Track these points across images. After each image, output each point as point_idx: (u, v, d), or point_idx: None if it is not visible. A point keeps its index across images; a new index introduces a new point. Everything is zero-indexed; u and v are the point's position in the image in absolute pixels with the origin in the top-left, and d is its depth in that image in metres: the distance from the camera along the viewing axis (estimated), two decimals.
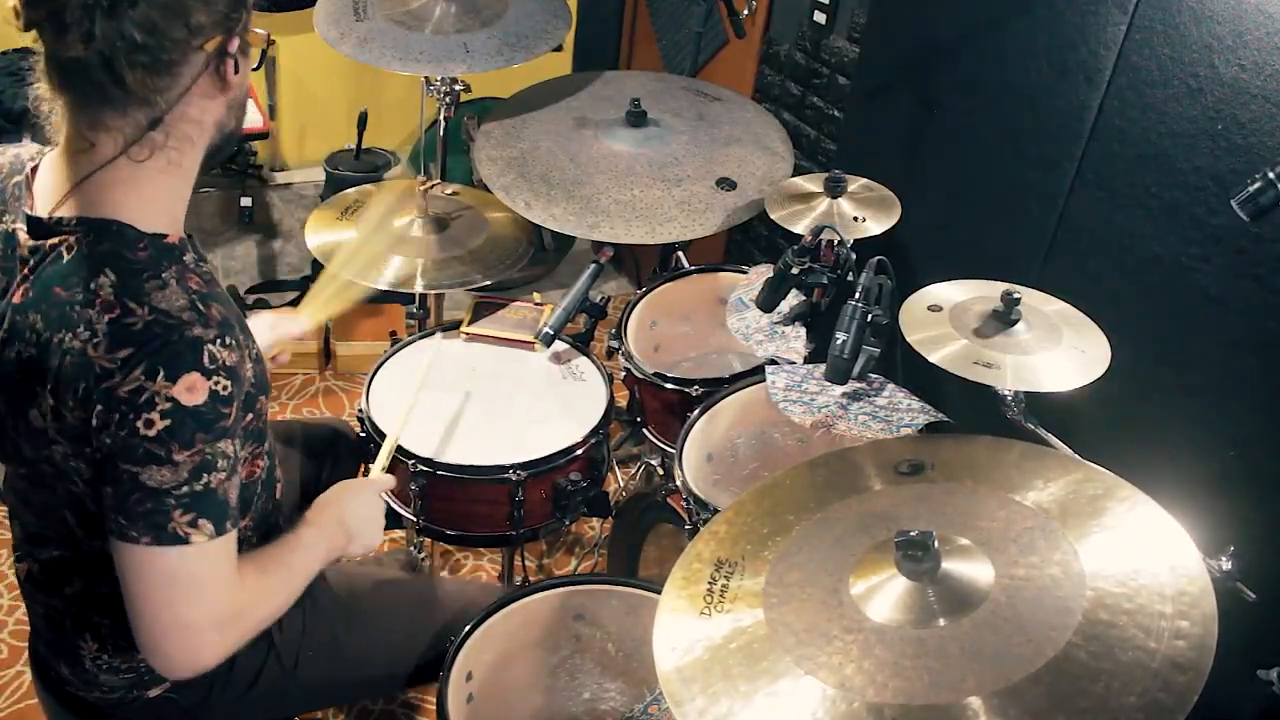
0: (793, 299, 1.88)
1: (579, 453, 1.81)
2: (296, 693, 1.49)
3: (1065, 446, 1.44)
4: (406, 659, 1.57)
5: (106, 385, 1.06)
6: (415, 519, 1.82)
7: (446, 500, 1.80)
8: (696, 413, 1.81)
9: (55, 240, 1.14)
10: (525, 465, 1.75)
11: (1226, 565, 1.27)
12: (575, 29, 3.63)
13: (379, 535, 1.48)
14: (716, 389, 1.86)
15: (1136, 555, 1.07)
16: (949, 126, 2.27)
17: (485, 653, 1.54)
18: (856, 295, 1.51)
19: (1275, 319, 1.66)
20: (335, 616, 1.53)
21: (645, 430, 2.05)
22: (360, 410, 1.87)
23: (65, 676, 1.36)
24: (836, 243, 1.75)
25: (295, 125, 3.76)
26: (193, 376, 1.08)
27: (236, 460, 1.16)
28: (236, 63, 1.17)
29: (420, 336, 2.08)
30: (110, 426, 1.07)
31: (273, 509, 1.41)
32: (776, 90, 2.86)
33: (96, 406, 1.07)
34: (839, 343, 1.51)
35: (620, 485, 2.64)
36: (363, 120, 3.26)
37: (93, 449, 1.10)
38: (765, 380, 1.76)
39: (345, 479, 1.73)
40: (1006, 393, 1.46)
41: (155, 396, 1.06)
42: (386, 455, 1.67)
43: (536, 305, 2.16)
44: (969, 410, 1.65)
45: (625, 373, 2.04)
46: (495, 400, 1.93)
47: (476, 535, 1.86)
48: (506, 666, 1.59)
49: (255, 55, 1.25)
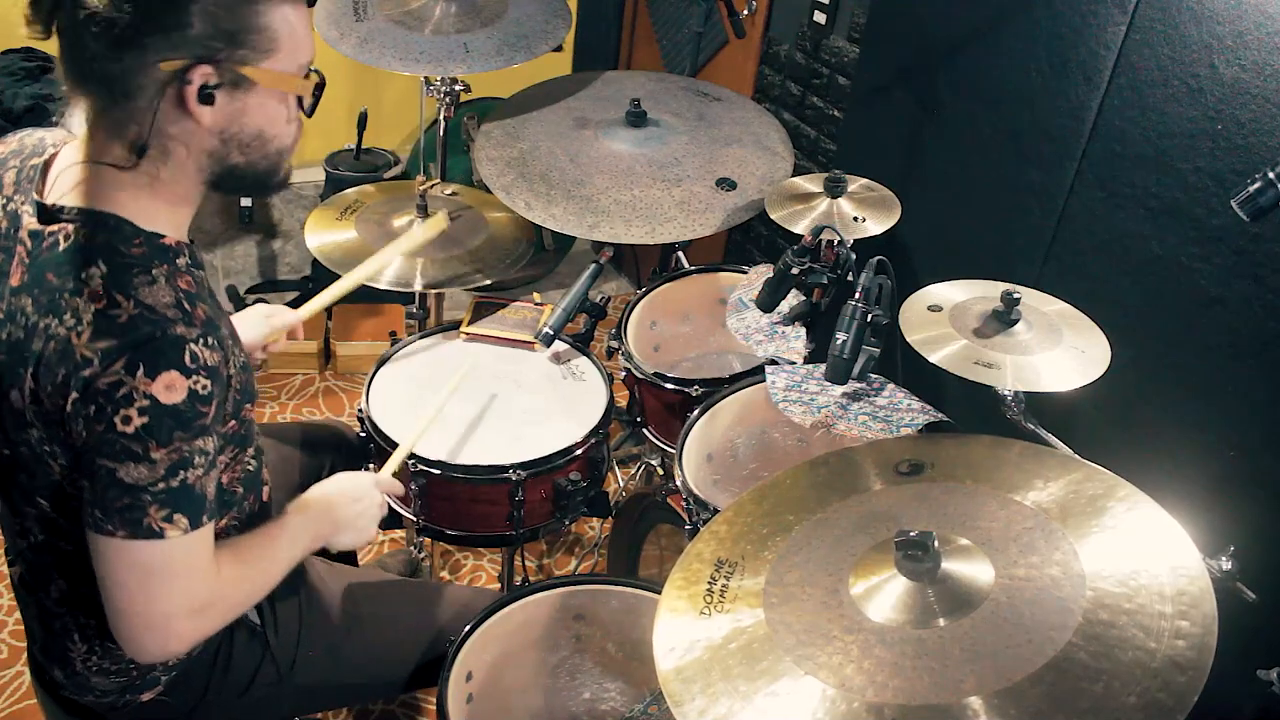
0: (793, 299, 1.88)
1: (579, 453, 1.81)
2: (293, 696, 1.49)
3: (1065, 446, 1.44)
4: (404, 662, 1.57)
5: (85, 374, 1.07)
6: (415, 519, 1.82)
7: (446, 500, 1.80)
8: (696, 413, 1.81)
9: (55, 227, 1.15)
10: (525, 465, 1.75)
11: (1226, 565, 1.27)
12: (575, 29, 3.63)
13: (372, 530, 1.48)
14: (716, 389, 1.86)
15: (1136, 555, 1.07)
16: (949, 126, 2.27)
17: (485, 653, 1.54)
18: (856, 295, 1.51)
19: (1275, 319, 1.66)
20: (332, 619, 1.53)
21: (645, 430, 2.05)
22: (360, 410, 1.87)
23: (60, 681, 1.37)
24: (836, 243, 1.75)
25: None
26: (172, 375, 1.08)
27: (215, 456, 1.17)
28: (210, 95, 1.11)
29: (420, 336, 2.08)
30: (87, 418, 1.08)
31: (259, 510, 1.42)
32: (776, 90, 2.86)
33: (73, 394, 1.08)
34: (839, 343, 1.51)
35: (620, 485, 2.64)
36: (363, 120, 3.26)
37: (66, 434, 1.11)
38: (765, 380, 1.76)
39: None
40: (1006, 393, 1.46)
41: (134, 393, 1.07)
42: (398, 461, 1.67)
43: (536, 305, 2.16)
44: (969, 410, 1.65)
45: (625, 373, 2.04)
46: (495, 400, 1.93)
47: (476, 535, 1.86)
48: (506, 666, 1.59)
49: (304, 101, 1.21)
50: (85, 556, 1.16)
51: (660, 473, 2.39)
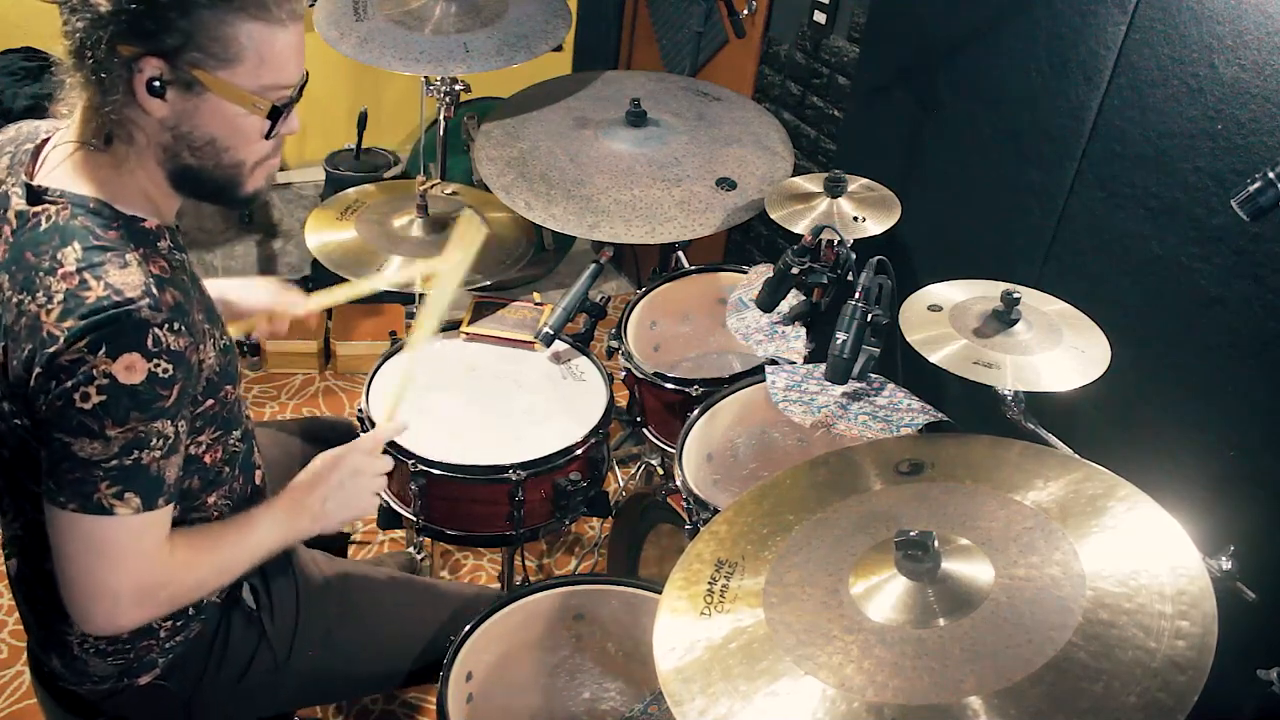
0: (793, 299, 1.88)
1: (579, 453, 1.81)
2: (290, 684, 1.49)
3: (1065, 446, 1.44)
4: (402, 656, 1.57)
5: (50, 351, 1.10)
6: (415, 519, 1.82)
7: (446, 500, 1.80)
8: (696, 413, 1.81)
9: (40, 208, 1.18)
10: (525, 465, 1.75)
11: (1226, 565, 1.27)
12: (575, 29, 3.63)
13: (365, 499, 1.45)
14: (716, 389, 1.86)
15: (1136, 555, 1.07)
16: (949, 126, 2.27)
17: (485, 653, 1.54)
18: (856, 295, 1.51)
19: (1275, 319, 1.66)
20: (330, 609, 1.53)
21: (645, 430, 2.05)
22: (360, 410, 1.87)
23: (58, 670, 1.37)
24: (836, 243, 1.75)
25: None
26: (133, 356, 1.10)
27: (177, 440, 1.18)
28: (159, 89, 1.13)
29: None
30: (48, 392, 1.10)
31: (253, 493, 1.43)
32: (776, 90, 2.86)
33: (37, 369, 1.11)
34: (839, 343, 1.51)
35: (620, 485, 2.64)
36: (363, 120, 3.26)
37: (31, 409, 1.14)
38: (765, 380, 1.76)
39: None
40: (1006, 393, 1.46)
41: (94, 371, 1.09)
42: (393, 405, 1.62)
43: (536, 305, 2.16)
44: (969, 410, 1.65)
45: (625, 373, 2.04)
46: (495, 400, 1.93)
47: (476, 535, 1.86)
48: (506, 666, 1.59)
49: (279, 121, 1.23)
50: None
51: (660, 473, 2.39)
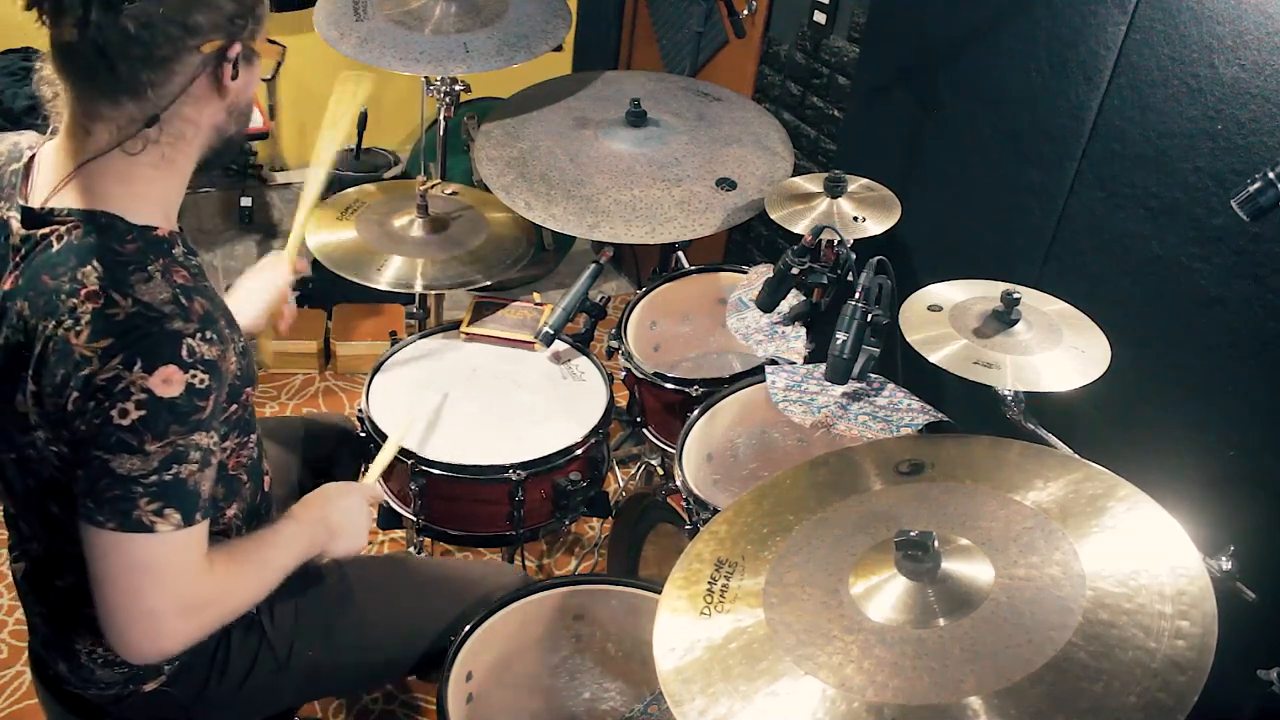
0: (793, 299, 1.88)
1: (579, 453, 1.81)
2: (292, 683, 1.49)
3: (1065, 446, 1.44)
4: (403, 646, 1.57)
5: (85, 373, 1.08)
6: (415, 519, 1.82)
7: (446, 500, 1.80)
8: (696, 413, 1.81)
9: (46, 229, 1.16)
10: (525, 465, 1.75)
11: (1226, 565, 1.27)
12: (575, 29, 3.63)
13: (363, 539, 1.49)
14: (716, 389, 1.86)
15: (1136, 555, 1.07)
16: (949, 126, 2.27)
17: (485, 653, 1.54)
18: (856, 295, 1.51)
19: (1275, 319, 1.66)
20: (328, 603, 1.53)
21: (645, 430, 2.05)
22: (360, 410, 1.87)
23: (63, 675, 1.37)
24: (836, 243, 1.75)
25: (295, 125, 3.75)
26: (169, 369, 1.09)
27: (211, 453, 1.17)
28: (237, 69, 1.18)
29: (420, 336, 2.08)
30: (85, 413, 1.09)
31: (261, 500, 1.42)
32: (776, 90, 2.86)
33: (73, 393, 1.09)
34: (839, 343, 1.51)
35: (620, 485, 2.64)
36: (363, 120, 3.25)
37: (69, 433, 1.12)
38: (765, 380, 1.76)
39: (346, 478, 1.74)
40: (1006, 393, 1.46)
41: (131, 386, 1.07)
42: (381, 465, 1.67)
43: (536, 305, 2.16)
44: (969, 410, 1.65)
45: (625, 373, 2.04)
46: (495, 400, 1.93)
47: (476, 535, 1.86)
48: (506, 666, 1.59)
49: (268, 66, 1.26)
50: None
51: (660, 473, 2.39)
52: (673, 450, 1.80)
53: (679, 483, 1.70)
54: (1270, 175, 1.17)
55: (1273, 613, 1.39)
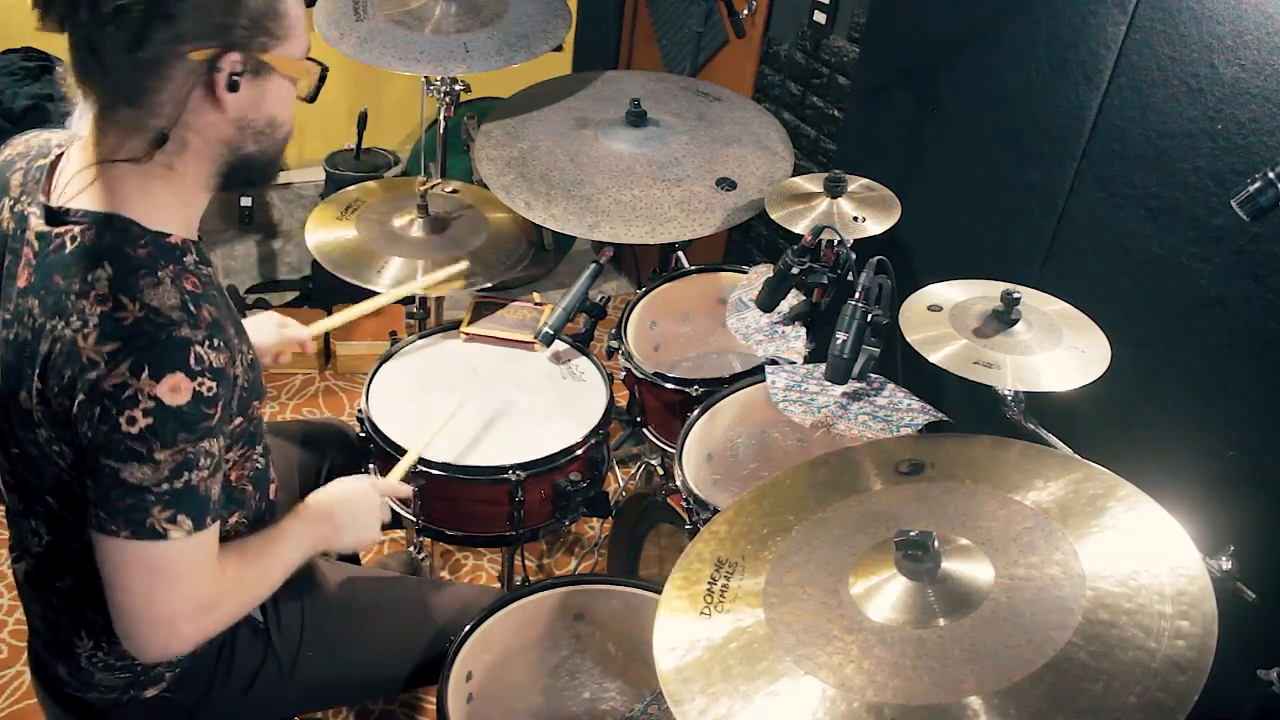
0: (793, 299, 1.88)
1: (579, 453, 1.81)
2: (295, 693, 1.49)
3: (1065, 446, 1.44)
4: (405, 659, 1.57)
5: (91, 376, 1.08)
6: (415, 519, 1.82)
7: (446, 500, 1.80)
8: (696, 413, 1.81)
9: (62, 229, 1.15)
10: (525, 465, 1.75)
11: (1226, 565, 1.27)
12: (575, 29, 3.63)
13: (373, 532, 1.48)
14: (716, 389, 1.86)
15: (1136, 555, 1.07)
16: (949, 126, 2.27)
17: (485, 653, 1.54)
18: (856, 295, 1.51)
19: (1275, 319, 1.66)
20: (334, 617, 1.53)
21: (645, 430, 2.05)
22: (360, 410, 1.87)
23: (63, 677, 1.36)
24: (836, 243, 1.75)
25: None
26: (177, 377, 1.08)
27: (220, 458, 1.17)
28: (236, 82, 1.13)
29: (420, 336, 2.08)
30: (93, 419, 1.08)
31: (266, 508, 1.42)
32: (776, 90, 2.85)
33: (79, 396, 1.09)
34: (839, 343, 1.51)
35: (620, 485, 2.64)
36: (363, 120, 3.26)
37: (73, 435, 1.12)
38: (765, 380, 1.76)
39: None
40: (1006, 393, 1.46)
41: (139, 394, 1.07)
42: (405, 468, 1.67)
43: (536, 305, 2.16)
44: (969, 410, 1.65)
45: (625, 373, 2.03)
46: (495, 400, 1.93)
47: (476, 535, 1.86)
48: (506, 666, 1.59)
49: (305, 86, 1.22)
50: (94, 554, 1.16)
51: (660, 473, 2.39)
52: (673, 450, 1.80)
53: (679, 483, 1.70)
54: (1270, 175, 1.17)
55: (1273, 613, 1.39)
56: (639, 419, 2.05)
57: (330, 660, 1.51)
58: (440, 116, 2.40)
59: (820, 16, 2.61)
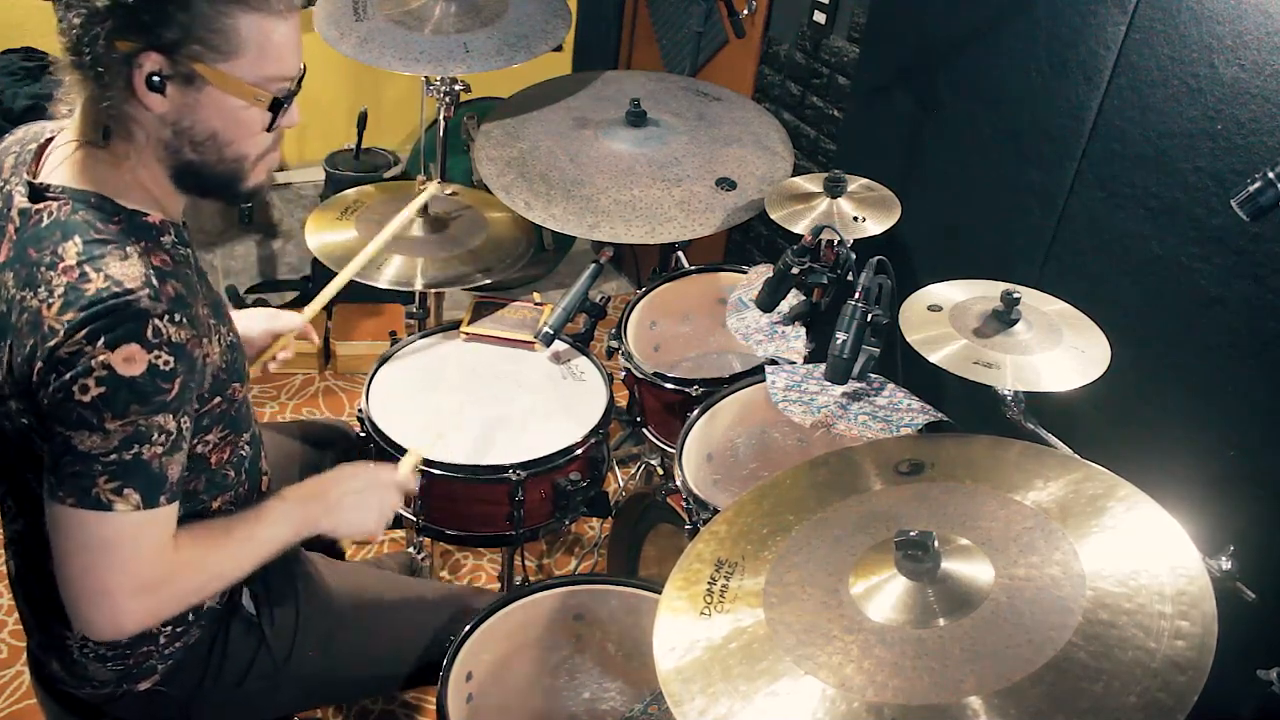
0: (793, 299, 1.88)
1: (579, 453, 1.81)
2: (290, 688, 1.49)
3: (1065, 446, 1.44)
4: (401, 659, 1.57)
5: (50, 344, 1.09)
6: (415, 519, 1.82)
7: (446, 500, 1.80)
8: (696, 413, 1.81)
9: (42, 205, 1.18)
10: (525, 465, 1.75)
11: (1226, 565, 1.27)
12: (575, 29, 3.63)
13: (372, 520, 1.46)
14: (716, 389, 1.86)
15: (1136, 555, 1.07)
16: (949, 126, 2.27)
17: (485, 653, 1.54)
18: (856, 295, 1.51)
19: (1275, 319, 1.66)
20: (329, 613, 1.53)
21: (645, 430, 2.05)
22: (360, 410, 1.87)
23: (58, 674, 1.37)
24: (836, 243, 1.75)
25: (295, 125, 3.75)
26: (132, 348, 1.09)
27: (180, 437, 1.17)
28: (159, 84, 1.13)
29: (420, 336, 2.08)
30: (48, 386, 1.10)
31: (258, 500, 1.42)
32: (776, 90, 2.85)
33: (38, 364, 1.10)
34: (839, 343, 1.51)
35: (620, 485, 2.64)
36: (363, 120, 3.26)
37: (35, 404, 1.13)
38: (765, 380, 1.76)
39: None
40: (1006, 393, 1.46)
41: (92, 362, 1.08)
42: (412, 463, 1.66)
43: (536, 305, 2.16)
44: (969, 410, 1.65)
45: (625, 373, 2.03)
46: (495, 400, 1.93)
47: (476, 535, 1.86)
48: (506, 666, 1.59)
49: (256, 114, 1.21)
50: None
51: (660, 473, 2.39)
52: (673, 450, 1.80)
53: (679, 483, 1.70)
54: (1270, 175, 1.17)
55: (1273, 613, 1.39)
56: (639, 419, 2.05)
57: (325, 656, 1.51)
58: (440, 116, 2.40)
59: (820, 16, 2.61)
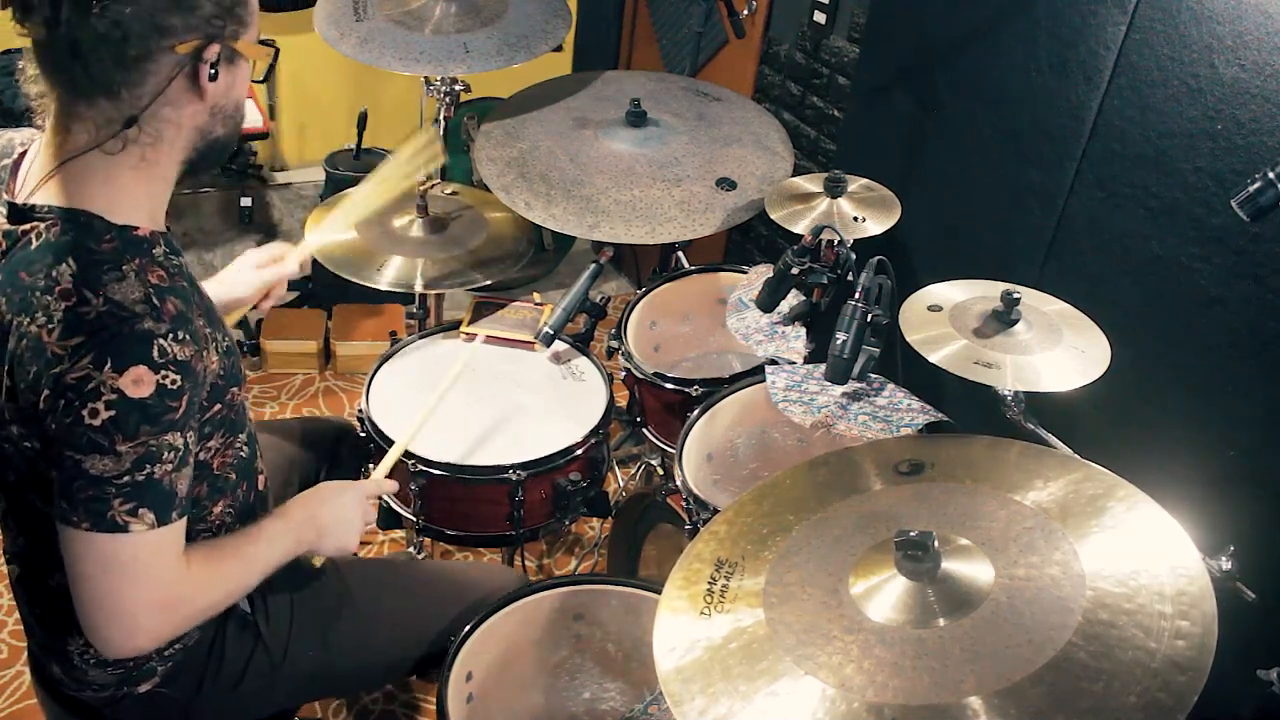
0: (793, 299, 1.88)
1: (579, 453, 1.81)
2: (290, 684, 1.49)
3: (1065, 446, 1.44)
4: (402, 648, 1.57)
5: (56, 371, 1.09)
6: (415, 519, 1.82)
7: (446, 500, 1.80)
8: (696, 413, 1.81)
9: (28, 226, 1.16)
10: (525, 465, 1.75)
11: (1226, 565, 1.27)
12: (575, 29, 3.63)
13: (354, 539, 1.47)
14: (716, 389, 1.86)
15: (1136, 555, 1.07)
16: (949, 126, 2.27)
17: (485, 653, 1.54)
18: (856, 295, 1.51)
19: (1275, 319, 1.66)
20: (325, 606, 1.53)
21: (645, 430, 2.05)
22: (360, 410, 1.87)
23: (58, 677, 1.37)
24: (836, 243, 1.75)
25: (295, 125, 3.76)
26: (140, 369, 1.09)
27: (187, 452, 1.17)
28: (216, 70, 1.16)
29: (420, 336, 2.08)
30: (56, 412, 1.09)
31: (255, 499, 1.42)
32: (776, 90, 2.86)
33: (45, 391, 1.09)
34: (839, 343, 1.51)
35: (620, 485, 2.64)
36: (363, 120, 3.26)
37: (42, 430, 1.12)
38: (765, 380, 1.76)
39: (346, 478, 1.73)
40: (1006, 393, 1.46)
41: (101, 386, 1.08)
42: (390, 462, 1.67)
43: (536, 305, 2.16)
44: (969, 410, 1.65)
45: (625, 373, 2.04)
46: (495, 400, 1.93)
47: (476, 535, 1.86)
48: (506, 666, 1.59)
49: (260, 68, 1.26)
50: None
51: (660, 473, 2.39)
52: (673, 450, 1.80)
53: (679, 483, 1.70)
54: (1270, 175, 1.17)
55: (1273, 613, 1.39)
56: (639, 419, 2.05)
57: (323, 650, 1.50)
58: (440, 117, 2.40)
59: (820, 16, 2.61)
